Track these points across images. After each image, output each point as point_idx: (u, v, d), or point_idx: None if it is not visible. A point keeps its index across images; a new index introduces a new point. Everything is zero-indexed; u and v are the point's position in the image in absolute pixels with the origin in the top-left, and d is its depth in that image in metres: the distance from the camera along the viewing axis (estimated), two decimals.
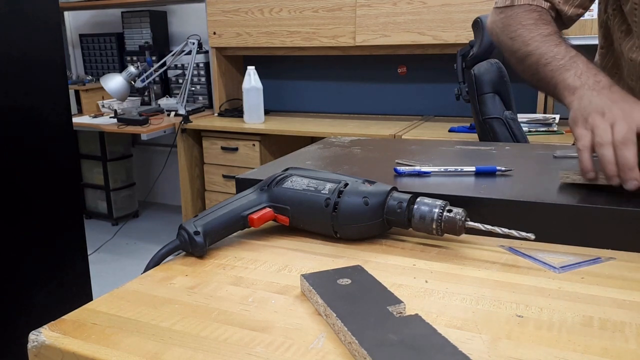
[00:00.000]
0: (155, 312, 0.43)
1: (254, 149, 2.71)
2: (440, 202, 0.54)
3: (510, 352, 0.36)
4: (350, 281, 0.44)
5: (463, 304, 0.43)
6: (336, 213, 0.55)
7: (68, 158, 1.55)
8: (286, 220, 0.59)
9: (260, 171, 0.72)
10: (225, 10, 2.90)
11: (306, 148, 0.89)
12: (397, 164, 0.75)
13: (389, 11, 2.54)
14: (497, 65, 1.76)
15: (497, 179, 0.68)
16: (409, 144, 0.95)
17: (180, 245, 0.54)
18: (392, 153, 0.88)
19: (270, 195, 0.59)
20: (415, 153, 0.86)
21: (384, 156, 0.86)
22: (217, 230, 0.55)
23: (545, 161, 0.78)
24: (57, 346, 0.39)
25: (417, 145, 0.93)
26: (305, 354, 0.36)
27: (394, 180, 0.68)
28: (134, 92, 3.03)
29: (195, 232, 0.53)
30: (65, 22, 3.74)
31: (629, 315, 0.41)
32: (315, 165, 0.75)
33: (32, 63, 1.42)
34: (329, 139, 0.97)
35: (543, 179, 0.67)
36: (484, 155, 0.81)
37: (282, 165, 0.66)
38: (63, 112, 1.52)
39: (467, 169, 0.70)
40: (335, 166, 0.76)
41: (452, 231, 0.53)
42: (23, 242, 1.43)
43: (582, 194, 0.59)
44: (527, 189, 0.63)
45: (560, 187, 0.62)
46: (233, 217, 0.57)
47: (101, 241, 3.13)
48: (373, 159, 0.83)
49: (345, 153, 0.85)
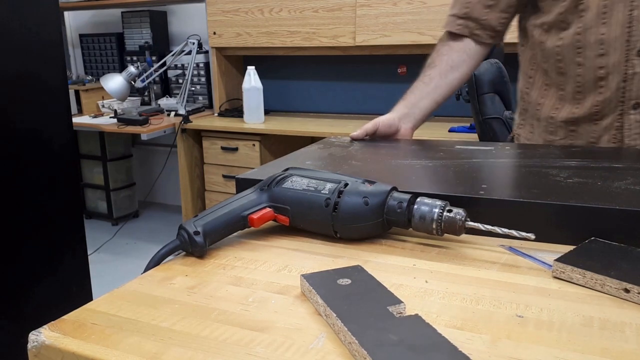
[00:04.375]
0: (155, 312, 0.43)
1: (254, 149, 2.71)
2: (441, 202, 0.53)
3: (510, 352, 0.36)
4: (350, 281, 0.44)
5: (463, 304, 0.43)
6: (336, 213, 0.55)
7: (68, 158, 1.55)
8: (286, 220, 0.59)
9: (260, 171, 0.72)
10: (225, 10, 2.90)
11: (306, 148, 0.89)
12: None
13: (389, 11, 2.54)
14: (497, 66, 1.77)
15: (498, 179, 0.68)
16: (409, 143, 0.95)
17: (180, 245, 0.54)
18: (392, 153, 0.89)
19: (270, 195, 0.59)
20: (416, 153, 0.86)
21: (384, 156, 0.86)
22: (217, 230, 0.55)
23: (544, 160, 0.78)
24: (57, 346, 0.39)
25: (417, 145, 0.93)
26: (305, 354, 0.36)
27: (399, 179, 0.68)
28: (134, 92, 3.03)
29: (195, 232, 0.53)
30: (65, 22, 3.74)
31: (629, 315, 0.41)
32: (315, 166, 0.75)
33: (32, 63, 1.42)
34: (329, 139, 0.97)
35: (542, 179, 0.67)
36: (484, 154, 0.82)
37: (282, 165, 0.66)
38: (63, 112, 1.52)
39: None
40: (335, 166, 0.76)
41: (452, 231, 0.53)
42: (23, 241, 1.43)
43: (583, 194, 0.59)
44: (528, 189, 0.63)
45: (559, 186, 0.62)
46: (233, 217, 0.57)
47: (101, 241, 3.13)
48: (373, 159, 0.83)
49: (345, 153, 0.85)
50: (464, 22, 1.06)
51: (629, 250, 0.50)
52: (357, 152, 0.86)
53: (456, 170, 0.72)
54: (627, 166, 0.73)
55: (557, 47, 0.96)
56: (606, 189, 0.60)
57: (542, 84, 1.02)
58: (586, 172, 0.68)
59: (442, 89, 1.05)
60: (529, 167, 0.74)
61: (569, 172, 0.68)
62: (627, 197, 0.57)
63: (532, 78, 1.05)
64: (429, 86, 1.05)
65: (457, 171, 0.72)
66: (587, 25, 0.91)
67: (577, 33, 0.92)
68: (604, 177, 0.65)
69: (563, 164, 0.73)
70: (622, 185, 0.61)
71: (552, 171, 0.69)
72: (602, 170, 0.69)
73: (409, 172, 0.72)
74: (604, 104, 0.93)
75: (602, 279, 0.45)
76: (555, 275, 0.48)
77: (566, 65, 0.96)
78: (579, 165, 0.73)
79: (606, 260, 0.47)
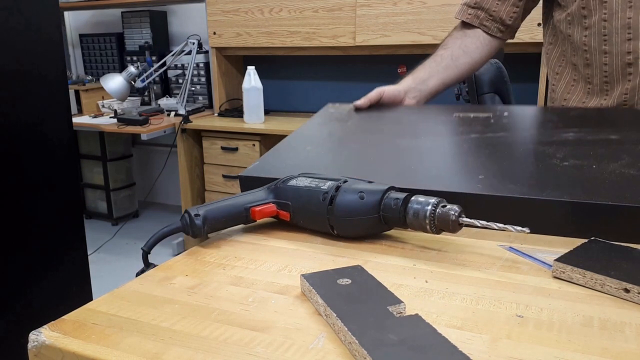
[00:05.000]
0: (155, 312, 0.43)
1: (254, 149, 2.71)
2: (434, 199, 0.53)
3: (510, 352, 0.36)
4: (350, 281, 0.44)
5: (463, 304, 0.43)
6: (332, 207, 0.56)
7: (68, 158, 1.55)
8: (287, 216, 0.60)
9: (261, 164, 0.73)
10: (225, 10, 2.90)
11: (305, 125, 0.88)
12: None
13: (389, 11, 2.54)
14: (497, 65, 1.77)
15: (496, 164, 0.68)
16: (409, 112, 0.95)
17: (181, 227, 0.57)
18: (393, 121, 0.89)
19: (275, 192, 0.61)
20: (415, 122, 0.85)
21: (382, 136, 0.85)
22: (218, 218, 0.58)
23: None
24: (57, 346, 0.39)
25: (416, 115, 0.93)
26: (305, 354, 0.36)
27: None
28: (134, 92, 3.03)
29: (195, 215, 0.56)
30: (65, 22, 3.74)
31: (629, 315, 0.41)
32: (316, 151, 0.76)
33: (32, 63, 1.42)
34: (328, 109, 0.97)
35: (540, 164, 0.67)
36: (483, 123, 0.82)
37: (280, 154, 0.67)
38: (63, 112, 1.52)
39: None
40: (335, 149, 0.76)
41: (447, 228, 0.52)
42: (23, 241, 1.43)
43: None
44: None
45: (554, 172, 0.62)
46: (235, 208, 0.59)
47: (101, 241, 3.13)
48: (372, 140, 0.82)
49: (346, 131, 0.84)
50: (474, 11, 1.06)
51: (629, 250, 0.50)
52: (356, 126, 0.85)
53: (454, 153, 0.72)
54: (623, 137, 0.73)
55: (585, 37, 0.96)
56: (600, 174, 0.61)
57: (569, 79, 1.03)
58: (582, 150, 0.69)
59: (452, 71, 1.05)
60: (526, 144, 0.74)
61: (565, 151, 0.69)
62: (620, 186, 0.58)
63: (558, 74, 1.06)
64: (439, 65, 1.05)
65: (455, 154, 0.72)
66: (613, 11, 0.91)
67: (602, 20, 0.93)
68: (600, 157, 0.66)
69: (560, 137, 0.74)
70: (616, 169, 0.62)
71: (548, 149, 0.70)
72: (598, 145, 0.70)
73: (407, 159, 0.73)
74: (632, 91, 0.93)
75: (602, 279, 0.45)
76: (555, 275, 0.48)
77: (592, 56, 0.96)
78: (576, 139, 0.73)
79: (606, 260, 0.47)
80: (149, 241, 0.56)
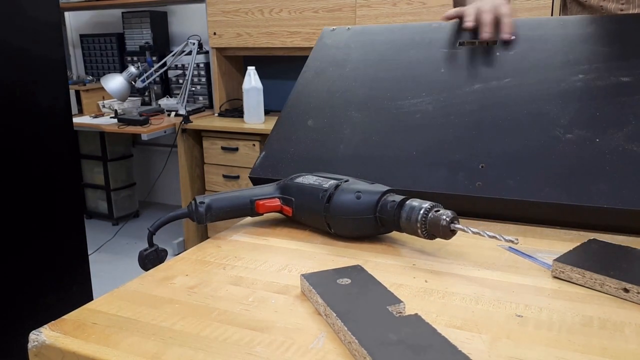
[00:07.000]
0: (155, 312, 0.43)
1: (254, 149, 2.71)
2: (428, 203, 0.52)
3: (510, 352, 0.36)
4: (350, 281, 0.44)
5: (463, 304, 0.43)
6: (329, 204, 0.57)
7: (68, 158, 1.55)
8: (289, 212, 0.61)
9: (267, 158, 0.74)
10: (225, 10, 2.90)
11: (303, 78, 0.87)
12: None
13: (389, 11, 2.54)
14: None
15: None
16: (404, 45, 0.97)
17: (187, 213, 0.60)
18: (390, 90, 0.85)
19: (282, 187, 0.63)
20: (413, 89, 0.80)
21: (381, 100, 0.81)
22: (222, 207, 0.60)
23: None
24: (58, 346, 0.39)
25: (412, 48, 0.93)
26: (305, 353, 0.36)
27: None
28: (135, 93, 3.03)
29: (200, 202, 0.60)
30: (65, 22, 3.74)
31: (629, 315, 0.41)
32: (317, 127, 0.77)
33: (33, 63, 1.42)
34: (327, 30, 0.96)
35: (541, 136, 0.65)
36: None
37: (283, 130, 0.68)
38: (63, 112, 1.52)
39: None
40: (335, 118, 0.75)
41: (438, 234, 0.50)
42: (23, 241, 1.43)
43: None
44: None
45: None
46: (241, 200, 0.61)
47: (101, 241, 3.13)
48: (375, 97, 0.80)
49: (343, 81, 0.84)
50: None
51: (628, 250, 0.50)
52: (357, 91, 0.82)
53: (455, 136, 0.69)
54: (635, 79, 0.67)
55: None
56: (601, 156, 0.60)
57: None
58: (588, 112, 0.65)
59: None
60: (530, 113, 0.68)
61: (570, 114, 0.65)
62: (618, 175, 0.58)
63: None
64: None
65: (455, 137, 0.69)
66: None
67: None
68: (603, 129, 0.62)
69: (569, 82, 0.69)
70: (619, 147, 0.60)
71: (552, 112, 0.66)
72: (606, 100, 0.65)
73: (405, 130, 0.72)
74: None
75: (601, 279, 0.45)
76: (555, 275, 0.48)
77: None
78: (584, 86, 0.68)
79: (605, 260, 0.47)
80: (155, 223, 0.59)
